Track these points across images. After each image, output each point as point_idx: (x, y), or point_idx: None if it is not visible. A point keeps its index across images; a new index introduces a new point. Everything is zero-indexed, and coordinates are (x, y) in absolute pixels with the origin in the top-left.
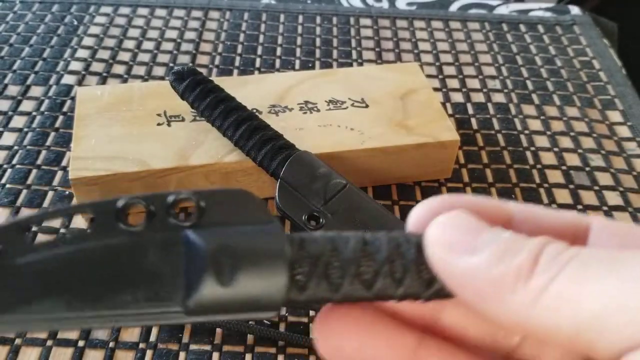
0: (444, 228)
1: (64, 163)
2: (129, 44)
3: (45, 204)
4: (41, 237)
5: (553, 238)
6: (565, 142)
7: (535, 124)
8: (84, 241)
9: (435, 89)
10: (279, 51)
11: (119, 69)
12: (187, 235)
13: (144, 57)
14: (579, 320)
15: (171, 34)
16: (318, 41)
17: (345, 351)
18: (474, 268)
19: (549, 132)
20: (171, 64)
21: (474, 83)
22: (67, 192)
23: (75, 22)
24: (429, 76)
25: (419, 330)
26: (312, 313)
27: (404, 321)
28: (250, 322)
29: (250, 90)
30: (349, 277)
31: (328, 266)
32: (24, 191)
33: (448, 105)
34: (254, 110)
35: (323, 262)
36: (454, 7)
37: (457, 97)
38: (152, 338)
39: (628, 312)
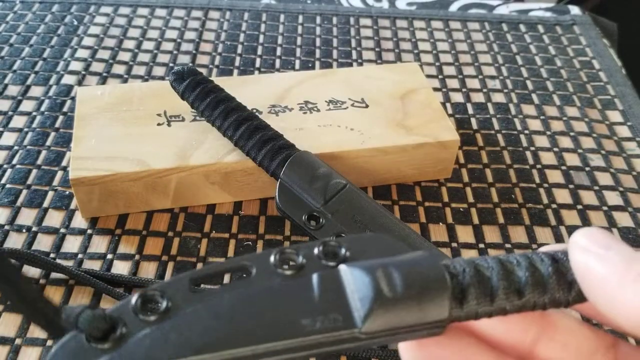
0: (583, 235)
1: (64, 163)
2: (129, 44)
3: (46, 204)
4: (42, 237)
5: None
6: (565, 142)
7: (535, 124)
8: (246, 287)
9: (435, 89)
10: (279, 51)
11: (119, 69)
12: (342, 269)
13: (144, 57)
14: None
15: (171, 34)
16: (318, 41)
17: None
18: (604, 269)
19: (548, 132)
20: (171, 64)
21: (474, 83)
22: (67, 192)
23: (76, 22)
24: (429, 76)
25: None
26: None
27: (502, 352)
28: None
29: (250, 90)
30: (502, 293)
31: (482, 285)
32: (24, 191)
33: (448, 105)
34: (254, 110)
35: (473, 286)
36: (454, 7)
37: (457, 97)
38: None
39: None
